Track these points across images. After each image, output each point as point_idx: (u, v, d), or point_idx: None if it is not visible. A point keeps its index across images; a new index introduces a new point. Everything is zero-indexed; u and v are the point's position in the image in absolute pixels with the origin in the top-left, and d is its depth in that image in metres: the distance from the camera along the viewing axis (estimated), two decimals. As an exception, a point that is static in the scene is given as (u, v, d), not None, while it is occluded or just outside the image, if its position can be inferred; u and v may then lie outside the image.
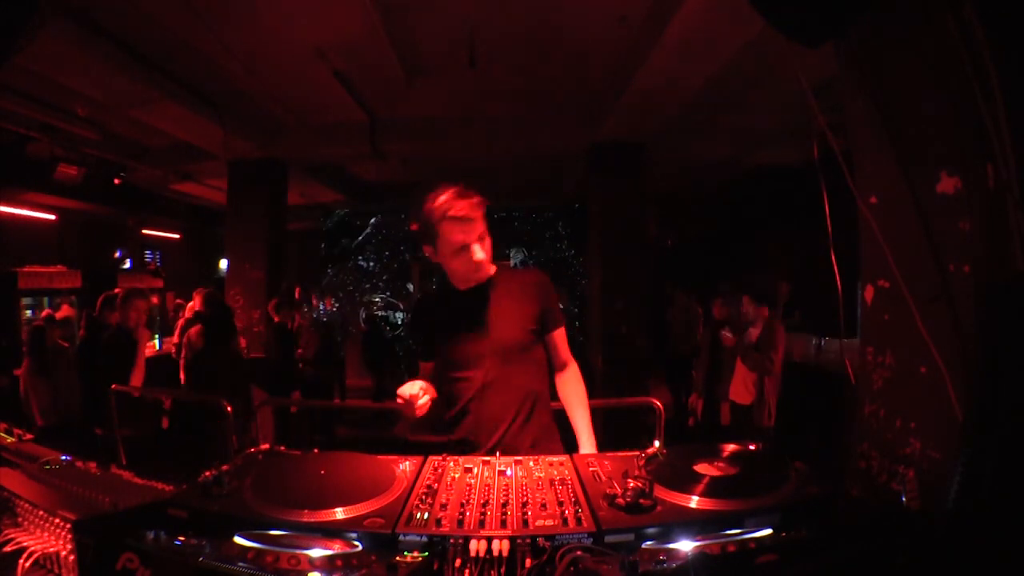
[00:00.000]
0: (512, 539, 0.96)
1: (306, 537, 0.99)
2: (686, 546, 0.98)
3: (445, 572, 0.92)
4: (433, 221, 1.58)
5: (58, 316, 6.80)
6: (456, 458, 1.34)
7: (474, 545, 0.95)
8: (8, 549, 1.07)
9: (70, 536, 1.02)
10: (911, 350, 1.47)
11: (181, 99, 4.68)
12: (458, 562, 0.93)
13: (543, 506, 1.08)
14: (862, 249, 1.70)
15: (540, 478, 1.22)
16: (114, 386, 3.87)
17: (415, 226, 1.65)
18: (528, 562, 0.93)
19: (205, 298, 5.04)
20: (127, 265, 9.27)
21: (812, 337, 5.70)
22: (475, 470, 1.27)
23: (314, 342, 5.91)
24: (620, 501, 1.05)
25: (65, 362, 4.68)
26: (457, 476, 1.23)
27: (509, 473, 1.25)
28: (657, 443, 1.27)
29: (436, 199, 1.58)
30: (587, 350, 6.53)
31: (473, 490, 1.16)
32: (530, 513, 1.05)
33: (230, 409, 3.76)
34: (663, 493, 1.09)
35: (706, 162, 7.26)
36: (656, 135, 5.65)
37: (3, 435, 1.63)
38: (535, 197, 10.74)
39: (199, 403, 4.01)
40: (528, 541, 0.96)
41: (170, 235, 10.33)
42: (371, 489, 1.13)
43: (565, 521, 1.02)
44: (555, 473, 1.25)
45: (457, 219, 1.56)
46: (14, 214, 7.01)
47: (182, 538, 0.99)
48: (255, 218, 6.52)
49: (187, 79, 4.58)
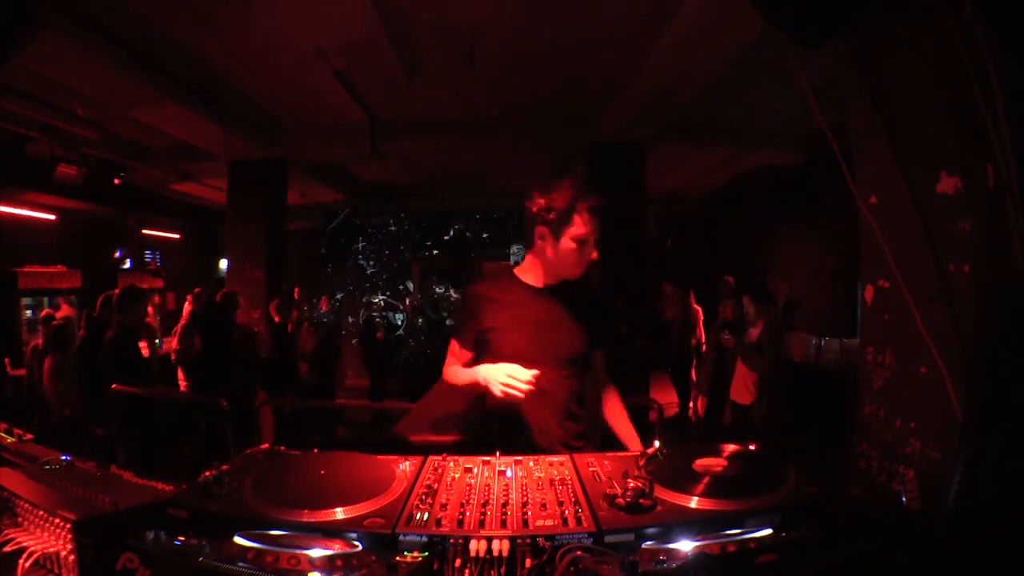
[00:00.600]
0: (512, 539, 0.96)
1: (306, 537, 0.99)
2: (686, 546, 0.98)
3: (445, 572, 0.92)
4: (571, 204, 1.60)
5: (58, 316, 6.81)
6: (456, 458, 1.34)
7: (474, 545, 0.95)
8: (8, 549, 1.07)
9: (70, 536, 1.02)
10: (911, 350, 1.47)
11: (181, 99, 4.68)
12: (458, 562, 0.93)
13: (543, 506, 1.08)
14: (862, 249, 1.70)
15: (540, 478, 1.22)
16: (114, 386, 3.88)
17: (541, 202, 1.63)
18: (528, 562, 0.93)
19: (195, 298, 5.07)
20: (127, 265, 9.27)
21: (812, 337, 5.70)
22: (475, 470, 1.27)
23: (313, 342, 5.91)
24: (620, 501, 1.05)
25: (66, 363, 4.68)
26: (457, 476, 1.23)
27: (509, 473, 1.25)
28: (657, 443, 1.27)
29: (570, 185, 1.61)
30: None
31: (473, 490, 1.16)
32: (530, 513, 1.05)
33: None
34: (663, 493, 1.09)
35: (706, 162, 7.25)
36: (656, 135, 5.65)
37: (3, 435, 1.63)
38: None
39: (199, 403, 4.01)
40: (528, 541, 0.96)
41: (170, 235, 10.33)
42: (371, 489, 1.13)
43: (565, 521, 1.02)
44: (555, 473, 1.25)
45: (594, 212, 1.60)
46: (14, 214, 7.01)
47: (182, 538, 0.99)
48: (255, 218, 6.52)
49: (187, 79, 4.58)
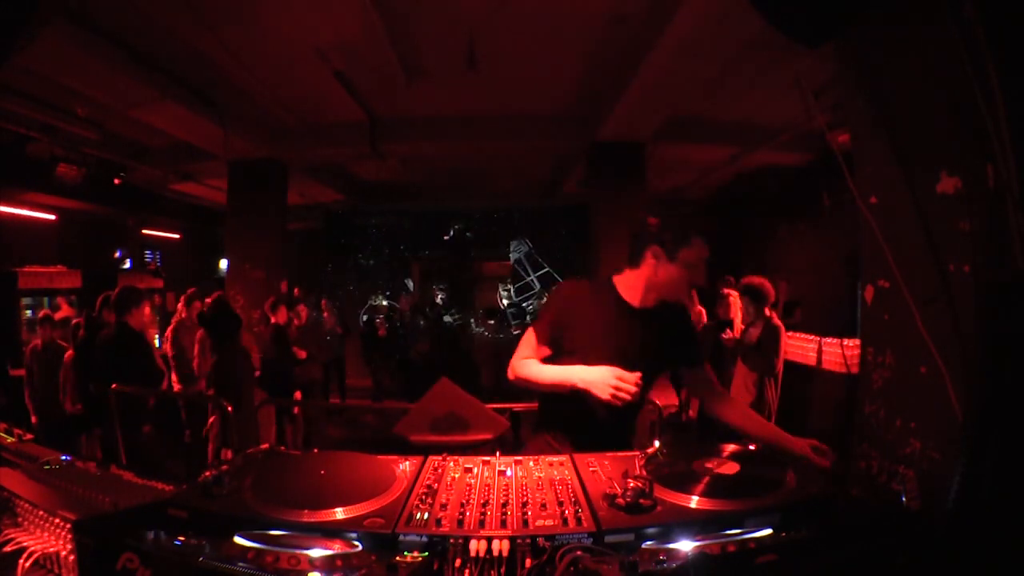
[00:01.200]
0: (512, 539, 0.96)
1: (306, 537, 0.99)
2: (686, 546, 0.98)
3: (445, 572, 0.92)
4: (687, 234, 1.64)
5: (57, 316, 6.81)
6: (456, 458, 1.34)
7: (474, 545, 0.95)
8: (8, 549, 1.07)
9: (70, 536, 1.02)
10: (911, 350, 1.47)
11: (181, 99, 4.69)
12: (458, 562, 0.93)
13: (543, 506, 1.07)
14: (862, 249, 1.70)
15: (540, 478, 1.22)
16: (114, 386, 3.88)
17: (657, 221, 1.69)
18: (528, 562, 0.93)
19: (188, 299, 5.09)
20: (127, 265, 9.28)
21: (812, 337, 5.69)
22: (475, 470, 1.27)
23: (313, 342, 5.91)
24: (620, 501, 1.05)
25: (57, 362, 4.68)
26: (457, 476, 1.23)
27: (509, 473, 1.25)
28: (657, 443, 1.27)
29: (679, 217, 1.71)
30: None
31: (473, 490, 1.16)
32: (530, 513, 1.05)
33: (231, 409, 3.77)
34: (663, 493, 1.09)
35: (706, 162, 7.25)
36: (656, 135, 5.65)
37: (3, 435, 1.63)
38: (535, 197, 10.74)
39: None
40: (528, 541, 0.96)
41: (170, 235, 10.33)
42: (371, 489, 1.13)
43: (565, 521, 1.02)
44: (555, 473, 1.25)
45: (704, 244, 1.65)
46: (14, 214, 7.01)
47: (182, 538, 0.99)
48: (255, 218, 6.53)
49: (187, 79, 4.58)
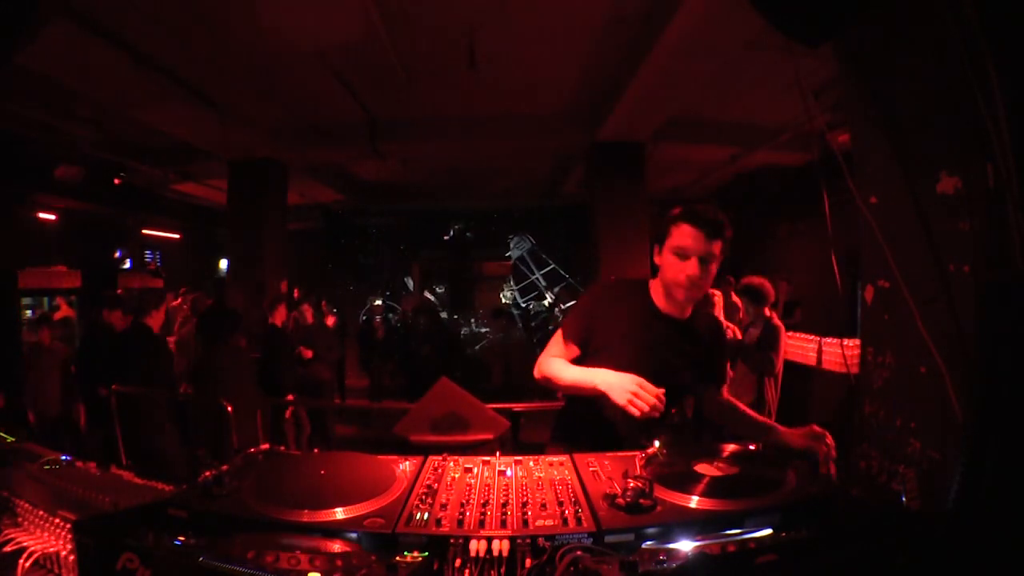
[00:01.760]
0: (512, 539, 0.96)
1: (306, 537, 0.99)
2: (686, 546, 0.98)
3: (445, 572, 0.92)
4: (672, 217, 1.59)
5: (57, 316, 6.82)
6: (456, 458, 1.34)
7: (474, 545, 0.95)
8: (8, 549, 1.07)
9: (70, 536, 1.02)
10: (911, 350, 1.47)
11: (181, 99, 4.69)
12: (458, 562, 0.93)
13: (543, 506, 1.08)
14: (862, 249, 1.70)
15: (540, 478, 1.22)
16: (114, 386, 3.88)
17: (678, 210, 1.62)
18: (528, 562, 0.93)
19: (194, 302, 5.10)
20: (127, 265, 9.28)
21: (812, 337, 5.70)
22: (475, 470, 1.27)
23: (321, 342, 5.90)
24: (620, 501, 1.05)
25: (56, 363, 4.69)
26: (457, 476, 1.23)
27: (509, 473, 1.25)
28: (657, 443, 1.27)
29: (689, 203, 1.60)
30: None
31: (473, 490, 1.16)
32: (530, 513, 1.05)
33: (231, 409, 3.77)
34: (663, 493, 1.09)
35: (706, 162, 7.26)
36: (656, 135, 5.65)
37: (3, 435, 1.63)
38: (535, 197, 10.74)
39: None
40: (528, 541, 0.96)
41: (170, 235, 10.33)
42: (371, 489, 1.13)
43: (565, 521, 1.02)
44: (555, 473, 1.25)
45: (698, 227, 1.55)
46: (14, 214, 7.00)
47: (182, 538, 0.99)
48: (255, 218, 6.53)
49: (187, 79, 4.58)
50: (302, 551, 0.95)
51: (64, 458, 1.41)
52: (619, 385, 1.45)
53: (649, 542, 0.99)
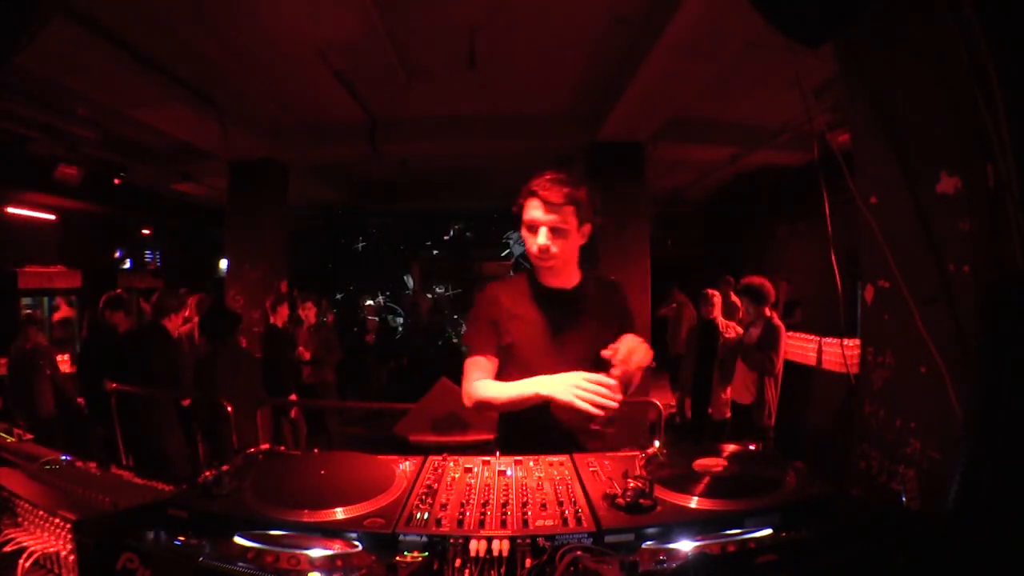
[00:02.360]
0: (512, 539, 0.96)
1: (306, 537, 0.99)
2: (686, 546, 0.98)
3: (445, 572, 0.92)
4: (522, 195, 1.62)
5: (57, 317, 6.82)
6: (456, 458, 1.33)
7: (474, 545, 0.95)
8: (8, 549, 1.07)
9: (70, 536, 1.02)
10: (911, 350, 1.47)
11: (181, 99, 4.68)
12: (458, 562, 0.93)
13: (543, 506, 1.08)
14: (862, 249, 1.70)
15: (540, 478, 1.22)
16: (114, 385, 3.88)
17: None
18: (528, 562, 0.93)
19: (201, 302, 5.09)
20: (127, 265, 9.28)
21: (812, 337, 5.70)
22: (475, 470, 1.27)
23: (312, 342, 5.90)
24: (620, 501, 1.05)
25: (48, 363, 4.68)
26: (457, 476, 1.23)
27: (509, 473, 1.25)
28: (657, 443, 1.27)
29: (536, 177, 1.62)
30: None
31: (473, 490, 1.16)
32: (530, 513, 1.05)
33: (231, 409, 3.77)
34: (663, 493, 1.09)
35: (706, 162, 7.26)
36: (656, 135, 5.65)
37: (3, 435, 1.63)
38: (535, 197, 10.70)
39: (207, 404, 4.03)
40: (528, 541, 0.96)
41: (170, 235, 10.32)
42: (371, 489, 1.13)
43: (565, 521, 1.02)
44: (555, 473, 1.25)
45: (540, 199, 1.57)
46: (14, 214, 7.01)
47: (182, 538, 0.99)
48: (255, 218, 6.52)
49: (187, 79, 4.58)
50: (302, 551, 0.95)
51: (64, 458, 1.41)
52: (563, 385, 1.42)
53: (649, 542, 0.98)
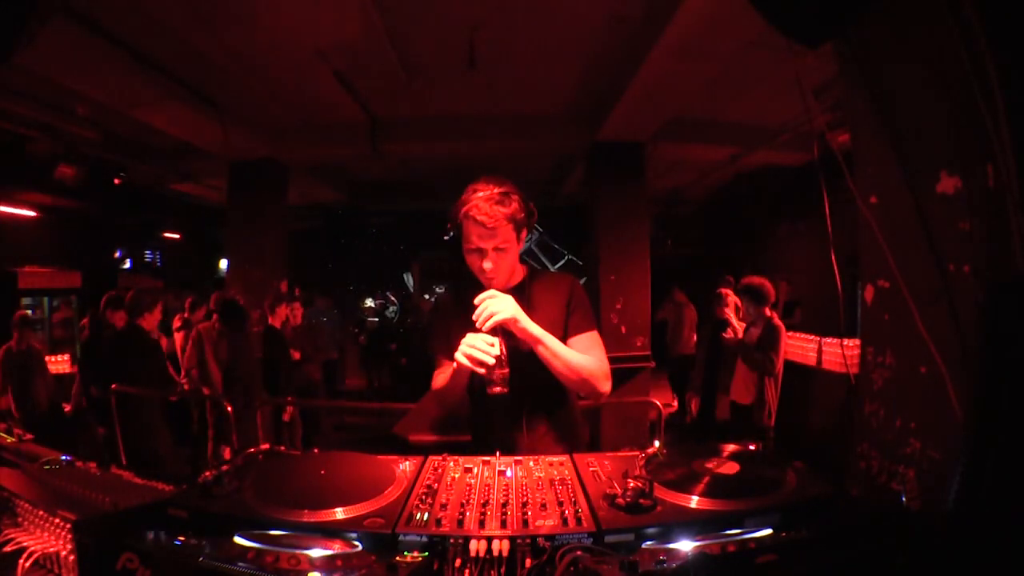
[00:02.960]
0: (512, 539, 0.96)
1: (306, 537, 0.99)
2: (686, 546, 0.98)
3: (445, 572, 0.92)
4: (458, 216, 1.61)
5: (57, 317, 6.81)
6: (456, 458, 1.34)
7: (474, 545, 0.95)
8: (8, 549, 1.07)
9: (70, 536, 1.02)
10: (911, 350, 1.47)
11: (181, 99, 4.68)
12: (458, 562, 0.93)
13: (543, 506, 1.08)
14: (862, 249, 1.70)
15: (540, 478, 1.22)
16: (114, 386, 3.88)
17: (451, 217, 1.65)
18: (528, 562, 0.93)
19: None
20: (127, 265, 9.28)
21: (812, 337, 5.71)
22: (475, 470, 1.27)
23: (310, 342, 5.91)
24: (620, 501, 1.05)
25: (39, 365, 4.68)
26: (457, 476, 1.23)
27: (509, 473, 1.25)
28: (657, 443, 1.27)
29: (466, 195, 1.60)
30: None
31: (473, 490, 1.16)
32: (530, 513, 1.05)
33: (231, 409, 3.77)
34: (663, 493, 1.09)
35: (706, 162, 7.26)
36: (656, 135, 5.65)
37: (3, 435, 1.63)
38: (535, 197, 10.72)
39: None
40: (528, 541, 0.96)
41: (170, 235, 10.32)
42: (371, 489, 1.13)
43: (565, 521, 1.02)
44: (555, 473, 1.25)
45: (477, 222, 1.56)
46: (14, 214, 7.01)
47: (182, 538, 0.99)
48: (255, 218, 6.51)
49: (187, 79, 4.57)
50: (302, 551, 0.95)
51: (64, 458, 1.41)
52: (459, 348, 1.46)
53: (649, 542, 0.99)
